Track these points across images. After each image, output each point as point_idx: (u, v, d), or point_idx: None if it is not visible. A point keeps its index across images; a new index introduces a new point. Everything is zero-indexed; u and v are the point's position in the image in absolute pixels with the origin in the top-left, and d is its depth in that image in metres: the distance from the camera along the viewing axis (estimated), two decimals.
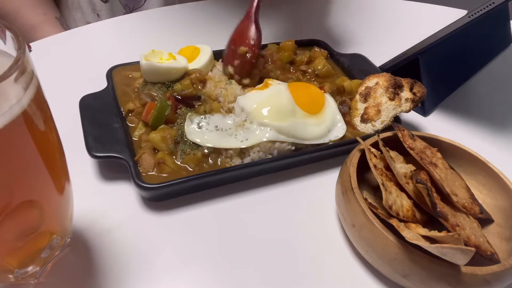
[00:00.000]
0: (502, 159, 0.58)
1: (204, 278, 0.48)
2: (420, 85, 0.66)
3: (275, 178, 0.61)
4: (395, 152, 0.55)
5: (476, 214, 0.50)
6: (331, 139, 0.64)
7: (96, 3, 1.10)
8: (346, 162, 0.54)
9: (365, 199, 0.48)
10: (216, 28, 0.98)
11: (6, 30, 0.32)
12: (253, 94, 0.65)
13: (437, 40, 0.71)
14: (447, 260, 0.41)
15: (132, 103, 0.64)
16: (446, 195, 0.48)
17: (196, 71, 0.68)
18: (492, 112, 0.80)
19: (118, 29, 0.96)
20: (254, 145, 0.59)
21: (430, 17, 1.11)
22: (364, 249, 0.48)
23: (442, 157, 0.54)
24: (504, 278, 0.43)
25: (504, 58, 0.97)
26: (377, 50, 0.87)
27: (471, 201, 0.51)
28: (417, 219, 0.47)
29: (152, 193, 0.54)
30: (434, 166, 0.52)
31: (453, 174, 0.53)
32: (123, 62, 0.73)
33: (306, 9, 1.11)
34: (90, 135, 0.57)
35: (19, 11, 1.03)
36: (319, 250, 0.52)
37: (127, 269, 0.48)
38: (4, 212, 0.33)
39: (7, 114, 0.30)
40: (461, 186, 0.53)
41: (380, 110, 0.66)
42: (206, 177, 0.55)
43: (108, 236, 0.51)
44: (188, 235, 0.52)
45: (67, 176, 0.42)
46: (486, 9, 0.64)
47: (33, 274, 0.42)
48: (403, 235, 0.42)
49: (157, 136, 0.57)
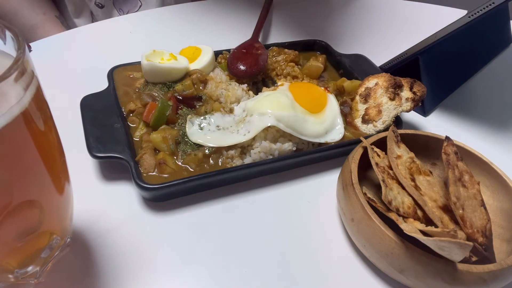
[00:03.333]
0: (503, 160, 0.58)
1: (204, 278, 0.48)
2: (420, 84, 0.67)
3: (275, 178, 0.61)
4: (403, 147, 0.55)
5: (478, 242, 0.47)
6: (327, 140, 0.63)
7: (92, 8, 1.11)
8: (348, 158, 0.54)
9: (365, 194, 0.48)
10: (217, 28, 0.98)
11: (6, 30, 0.32)
12: (256, 96, 0.67)
13: (437, 40, 0.71)
14: (444, 257, 0.41)
15: (133, 103, 0.64)
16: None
17: (197, 71, 0.68)
18: (492, 112, 0.80)
19: (119, 29, 0.96)
20: (255, 145, 0.59)
21: (430, 17, 1.11)
22: (361, 243, 0.49)
23: (480, 191, 0.50)
24: (501, 278, 0.43)
25: (504, 58, 0.97)
26: (377, 50, 0.87)
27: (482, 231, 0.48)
28: (418, 217, 0.47)
29: (152, 193, 0.54)
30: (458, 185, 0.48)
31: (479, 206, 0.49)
32: (124, 62, 0.73)
33: (306, 9, 1.11)
34: (91, 135, 0.57)
35: (19, 11, 1.03)
36: (319, 248, 0.52)
37: (127, 269, 0.48)
38: (4, 212, 0.33)
39: (7, 115, 0.30)
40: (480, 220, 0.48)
41: (381, 110, 0.66)
42: (207, 177, 0.55)
43: (108, 236, 0.51)
44: (189, 235, 0.52)
45: (67, 176, 0.42)
46: (486, 9, 0.64)
47: (33, 274, 0.42)
48: (402, 228, 0.43)
49: (158, 137, 0.57)
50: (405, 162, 0.52)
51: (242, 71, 0.71)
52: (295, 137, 0.61)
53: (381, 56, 0.83)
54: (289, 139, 0.61)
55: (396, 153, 0.52)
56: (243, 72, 0.71)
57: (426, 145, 0.58)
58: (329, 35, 0.98)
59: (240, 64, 0.71)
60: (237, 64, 0.72)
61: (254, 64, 0.72)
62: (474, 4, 0.66)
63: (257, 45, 0.77)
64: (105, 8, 1.11)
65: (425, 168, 0.53)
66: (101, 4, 1.10)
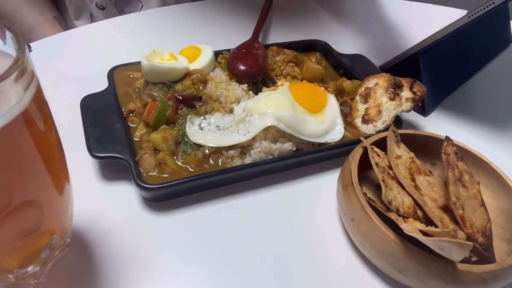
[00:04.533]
0: (503, 160, 0.58)
1: (204, 278, 0.48)
2: (419, 84, 0.67)
3: (275, 178, 0.61)
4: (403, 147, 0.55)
5: (478, 242, 0.47)
6: (327, 140, 0.63)
7: (93, 10, 1.11)
8: (348, 158, 0.54)
9: (365, 194, 0.48)
10: (217, 28, 0.98)
11: (6, 30, 0.32)
12: (256, 96, 0.67)
13: (437, 40, 0.71)
14: (443, 257, 0.41)
15: (133, 104, 0.64)
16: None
17: (197, 71, 0.68)
18: (492, 112, 0.80)
19: (119, 29, 0.96)
20: (255, 145, 0.59)
21: (430, 17, 1.11)
22: (361, 243, 0.49)
23: (480, 191, 0.50)
24: (501, 278, 0.43)
25: (504, 58, 0.97)
26: (377, 50, 0.87)
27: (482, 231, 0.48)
28: (418, 217, 0.47)
29: (152, 193, 0.54)
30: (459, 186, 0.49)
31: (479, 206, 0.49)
32: (124, 62, 0.73)
33: (306, 9, 1.11)
34: (91, 135, 0.57)
35: (18, 11, 1.03)
36: (319, 248, 0.52)
37: (127, 269, 0.48)
38: (4, 212, 0.33)
39: (7, 114, 0.30)
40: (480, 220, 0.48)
41: (381, 110, 0.66)
42: (207, 177, 0.55)
43: (108, 236, 0.51)
44: (189, 236, 0.52)
45: (67, 176, 0.42)
46: (486, 9, 0.64)
47: (33, 274, 0.42)
48: (402, 228, 0.43)
49: (158, 137, 0.57)
50: (405, 162, 0.52)
51: (242, 71, 0.71)
52: (295, 137, 0.61)
53: (381, 56, 0.83)
54: (289, 139, 0.61)
55: (396, 153, 0.52)
56: (243, 72, 0.71)
57: (426, 145, 0.58)
58: (329, 35, 0.98)
59: (240, 64, 0.72)
60: (237, 64, 0.72)
61: (254, 64, 0.72)
62: (474, 4, 0.66)
63: (257, 45, 0.77)
64: (106, 9, 1.11)
65: (425, 168, 0.53)
66: (102, 6, 1.10)
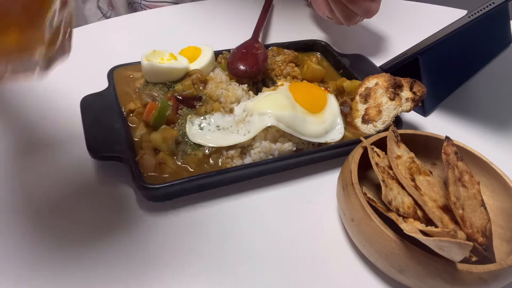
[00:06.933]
0: (503, 160, 0.58)
1: (204, 277, 0.48)
2: (420, 84, 0.67)
3: (275, 178, 0.61)
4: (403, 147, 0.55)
5: (478, 242, 0.47)
6: (327, 140, 0.63)
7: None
8: (348, 158, 0.54)
9: (365, 194, 0.48)
10: (217, 28, 0.98)
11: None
12: (256, 96, 0.67)
13: (437, 40, 0.71)
14: (443, 257, 0.41)
15: (133, 104, 0.64)
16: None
17: (197, 71, 0.68)
18: (492, 112, 0.80)
19: (119, 29, 0.96)
20: (255, 145, 0.59)
21: (430, 17, 1.11)
22: (361, 244, 0.49)
23: (480, 191, 0.50)
24: (501, 278, 0.43)
25: (504, 58, 0.97)
26: (377, 50, 0.87)
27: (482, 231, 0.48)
28: (418, 217, 0.47)
29: (152, 193, 0.54)
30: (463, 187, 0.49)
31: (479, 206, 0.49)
32: (124, 62, 0.73)
33: (306, 9, 1.11)
34: (91, 135, 0.57)
35: None
36: (319, 248, 0.52)
37: (127, 269, 0.48)
38: None
39: None
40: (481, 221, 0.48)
41: (381, 110, 0.66)
42: (207, 177, 0.55)
43: (108, 236, 0.51)
44: (189, 236, 0.52)
45: None
46: (486, 9, 0.64)
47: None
48: (402, 228, 0.43)
49: (158, 137, 0.57)
50: (405, 162, 0.52)
51: (242, 71, 0.71)
52: (295, 137, 0.61)
53: (381, 56, 0.83)
54: (289, 139, 0.61)
55: (396, 153, 0.53)
56: (243, 72, 0.71)
57: (426, 145, 0.58)
58: (329, 35, 0.99)
59: (240, 64, 0.72)
60: (237, 64, 0.72)
61: (254, 64, 0.72)
62: (474, 4, 0.66)
63: (257, 45, 0.77)
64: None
65: (425, 168, 0.53)
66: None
